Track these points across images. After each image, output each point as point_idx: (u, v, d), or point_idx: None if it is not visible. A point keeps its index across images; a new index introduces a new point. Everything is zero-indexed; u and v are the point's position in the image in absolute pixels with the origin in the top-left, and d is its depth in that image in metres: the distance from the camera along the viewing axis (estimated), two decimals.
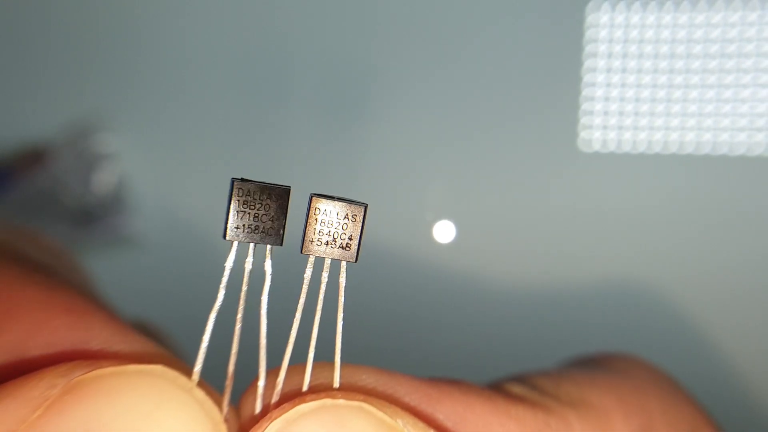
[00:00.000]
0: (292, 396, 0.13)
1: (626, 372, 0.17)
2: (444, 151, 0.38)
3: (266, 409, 0.13)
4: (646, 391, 0.16)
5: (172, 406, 0.12)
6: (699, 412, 0.17)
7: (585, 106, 0.37)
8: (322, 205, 0.13)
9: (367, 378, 0.14)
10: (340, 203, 0.13)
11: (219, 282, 0.13)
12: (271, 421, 0.12)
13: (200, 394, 0.13)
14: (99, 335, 0.13)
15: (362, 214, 0.13)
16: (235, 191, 0.13)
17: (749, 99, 0.35)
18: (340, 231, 0.13)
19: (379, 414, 0.13)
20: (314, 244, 0.13)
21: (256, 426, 0.13)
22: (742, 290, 0.36)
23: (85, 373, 0.12)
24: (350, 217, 0.13)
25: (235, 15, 0.39)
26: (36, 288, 0.14)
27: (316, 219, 0.13)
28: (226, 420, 0.13)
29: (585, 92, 0.37)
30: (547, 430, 0.14)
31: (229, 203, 0.13)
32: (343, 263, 0.13)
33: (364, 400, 0.13)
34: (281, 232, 0.13)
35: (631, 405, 0.15)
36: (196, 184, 0.40)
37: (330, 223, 0.13)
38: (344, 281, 0.13)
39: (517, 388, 0.15)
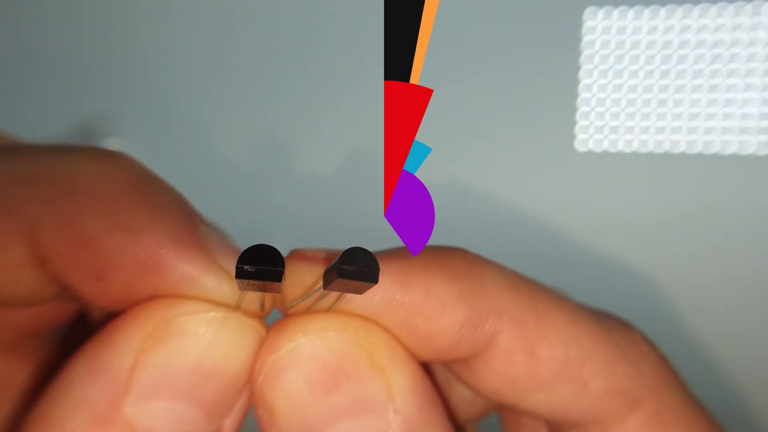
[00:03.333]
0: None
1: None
2: (442, 151, 0.39)
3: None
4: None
5: (227, 335, 0.17)
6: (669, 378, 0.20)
7: (582, 108, 0.37)
8: (340, 287, 0.16)
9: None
10: (356, 283, 0.16)
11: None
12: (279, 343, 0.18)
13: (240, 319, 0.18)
14: (193, 263, 0.18)
15: (370, 287, 0.16)
16: (237, 277, 0.15)
17: (744, 100, 0.36)
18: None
19: (359, 339, 0.17)
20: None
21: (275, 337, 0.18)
22: (738, 289, 0.36)
23: (175, 315, 0.17)
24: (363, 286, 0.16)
25: (237, 19, 0.40)
26: (150, 208, 0.18)
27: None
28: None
29: (582, 95, 0.37)
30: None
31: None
32: None
33: (350, 329, 0.17)
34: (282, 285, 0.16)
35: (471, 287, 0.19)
36: (199, 187, 0.40)
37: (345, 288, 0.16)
38: None
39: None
